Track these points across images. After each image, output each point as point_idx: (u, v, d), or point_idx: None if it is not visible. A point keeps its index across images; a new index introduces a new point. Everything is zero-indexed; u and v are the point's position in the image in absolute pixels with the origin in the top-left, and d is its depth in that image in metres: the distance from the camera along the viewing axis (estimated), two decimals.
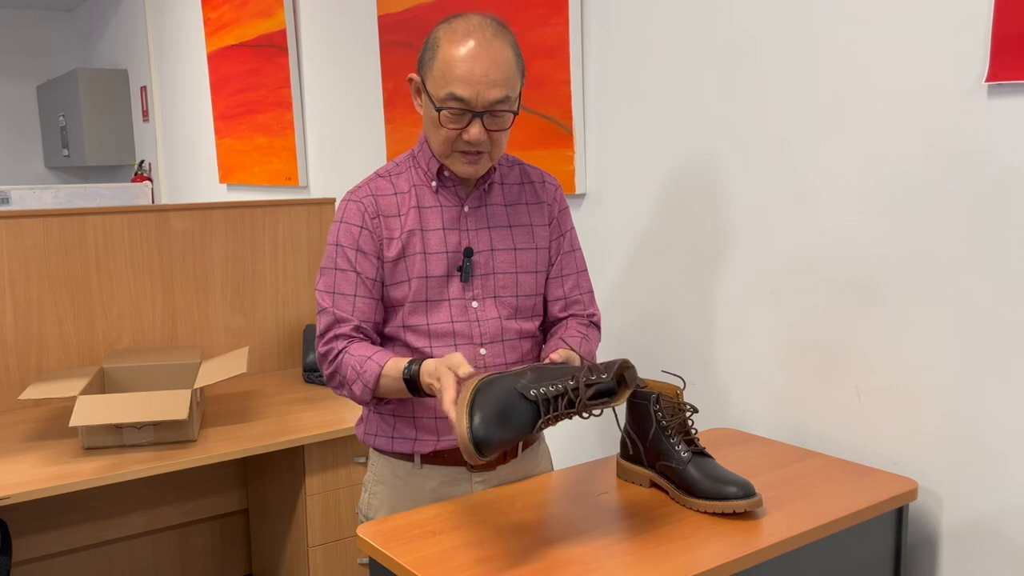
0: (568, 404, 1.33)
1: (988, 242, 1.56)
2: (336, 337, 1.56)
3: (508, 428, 1.28)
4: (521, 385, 1.32)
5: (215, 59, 4.46)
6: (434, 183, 1.60)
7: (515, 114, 1.53)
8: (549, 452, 1.83)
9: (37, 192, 4.76)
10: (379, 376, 1.49)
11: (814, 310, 1.86)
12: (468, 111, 1.48)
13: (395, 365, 1.48)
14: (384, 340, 1.63)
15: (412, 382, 1.46)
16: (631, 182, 2.24)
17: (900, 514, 1.63)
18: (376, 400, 1.56)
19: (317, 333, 1.60)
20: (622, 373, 1.38)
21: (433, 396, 1.45)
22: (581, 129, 2.35)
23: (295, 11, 3.74)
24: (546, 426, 1.34)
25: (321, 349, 1.58)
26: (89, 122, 6.00)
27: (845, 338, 1.80)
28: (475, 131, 1.49)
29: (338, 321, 1.56)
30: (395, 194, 1.60)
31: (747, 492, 1.46)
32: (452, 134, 1.51)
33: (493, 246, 1.62)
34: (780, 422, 1.95)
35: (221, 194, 4.68)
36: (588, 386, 1.33)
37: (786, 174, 1.88)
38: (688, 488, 1.51)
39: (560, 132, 2.38)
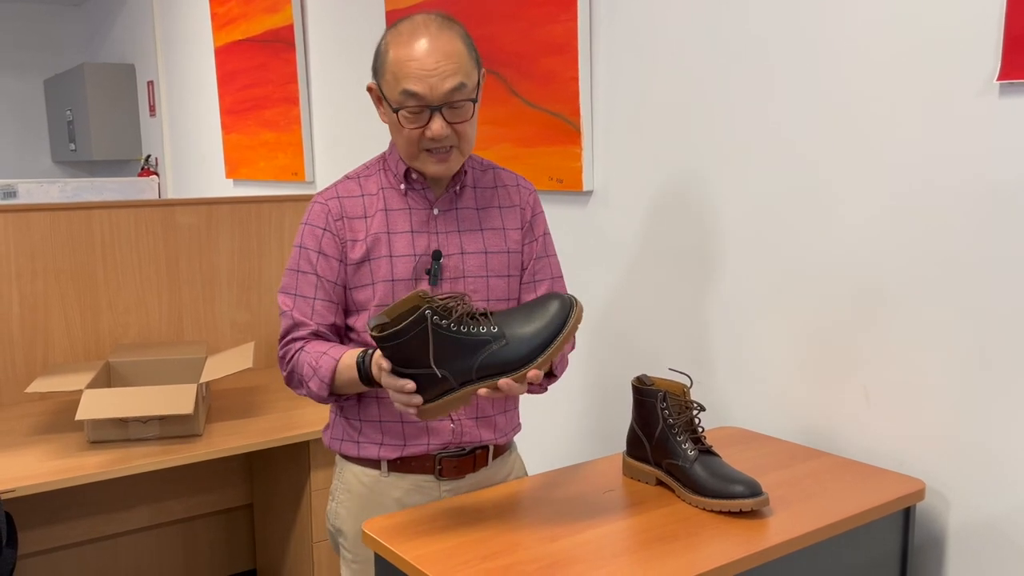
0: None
1: (998, 242, 1.55)
2: (294, 340, 1.57)
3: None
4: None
5: (222, 54, 4.46)
6: (402, 186, 1.59)
7: (474, 102, 1.50)
8: (522, 461, 1.79)
9: (44, 186, 4.76)
10: (335, 370, 1.48)
11: (822, 310, 1.85)
12: (426, 107, 1.46)
13: (350, 356, 1.47)
14: (349, 344, 1.61)
15: (365, 370, 1.44)
16: (638, 179, 2.24)
17: (907, 514, 1.62)
18: (335, 398, 1.55)
19: (279, 336, 1.60)
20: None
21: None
22: (589, 126, 2.34)
23: (302, 6, 3.73)
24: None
25: (280, 351, 1.59)
26: (96, 117, 6.00)
27: (853, 338, 1.80)
28: (436, 126, 1.47)
29: (296, 325, 1.57)
30: (362, 196, 1.58)
31: (754, 491, 1.46)
32: (415, 134, 1.49)
33: (463, 249, 1.59)
34: (787, 421, 1.94)
35: (227, 189, 4.68)
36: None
37: (794, 173, 1.87)
38: (694, 486, 1.51)
39: (568, 129, 2.37)
